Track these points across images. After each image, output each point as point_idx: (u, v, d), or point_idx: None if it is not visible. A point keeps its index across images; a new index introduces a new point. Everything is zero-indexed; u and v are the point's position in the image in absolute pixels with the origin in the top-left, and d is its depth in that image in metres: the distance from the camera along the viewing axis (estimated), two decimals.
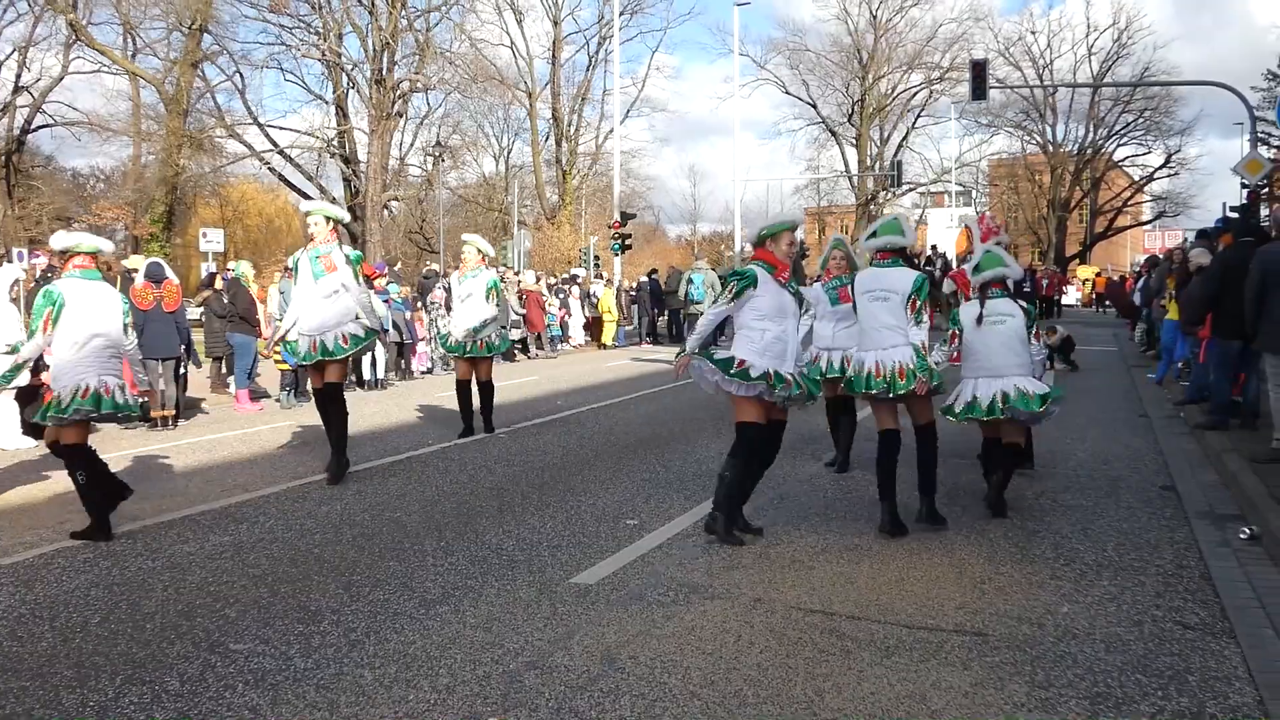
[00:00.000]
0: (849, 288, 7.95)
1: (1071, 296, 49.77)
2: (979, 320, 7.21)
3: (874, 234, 6.97)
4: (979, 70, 25.65)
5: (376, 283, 17.18)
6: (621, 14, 42.59)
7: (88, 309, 6.70)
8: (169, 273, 12.75)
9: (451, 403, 14.28)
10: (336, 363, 8.59)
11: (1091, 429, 11.24)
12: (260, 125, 39.91)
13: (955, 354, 7.48)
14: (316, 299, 8.42)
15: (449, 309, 19.69)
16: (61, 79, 37.60)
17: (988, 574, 5.79)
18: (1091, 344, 22.92)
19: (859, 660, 4.50)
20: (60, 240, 7.08)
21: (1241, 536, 6.43)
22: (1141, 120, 59.58)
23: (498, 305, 11.09)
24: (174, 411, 12.30)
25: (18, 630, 4.94)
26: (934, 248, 33.31)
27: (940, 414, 7.17)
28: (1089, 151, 61.65)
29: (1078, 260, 62.59)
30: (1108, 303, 39.13)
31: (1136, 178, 63.63)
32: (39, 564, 6.11)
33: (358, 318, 8.53)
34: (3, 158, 37.13)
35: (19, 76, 37.89)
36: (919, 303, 6.56)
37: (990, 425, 7.29)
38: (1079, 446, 10.08)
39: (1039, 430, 8.56)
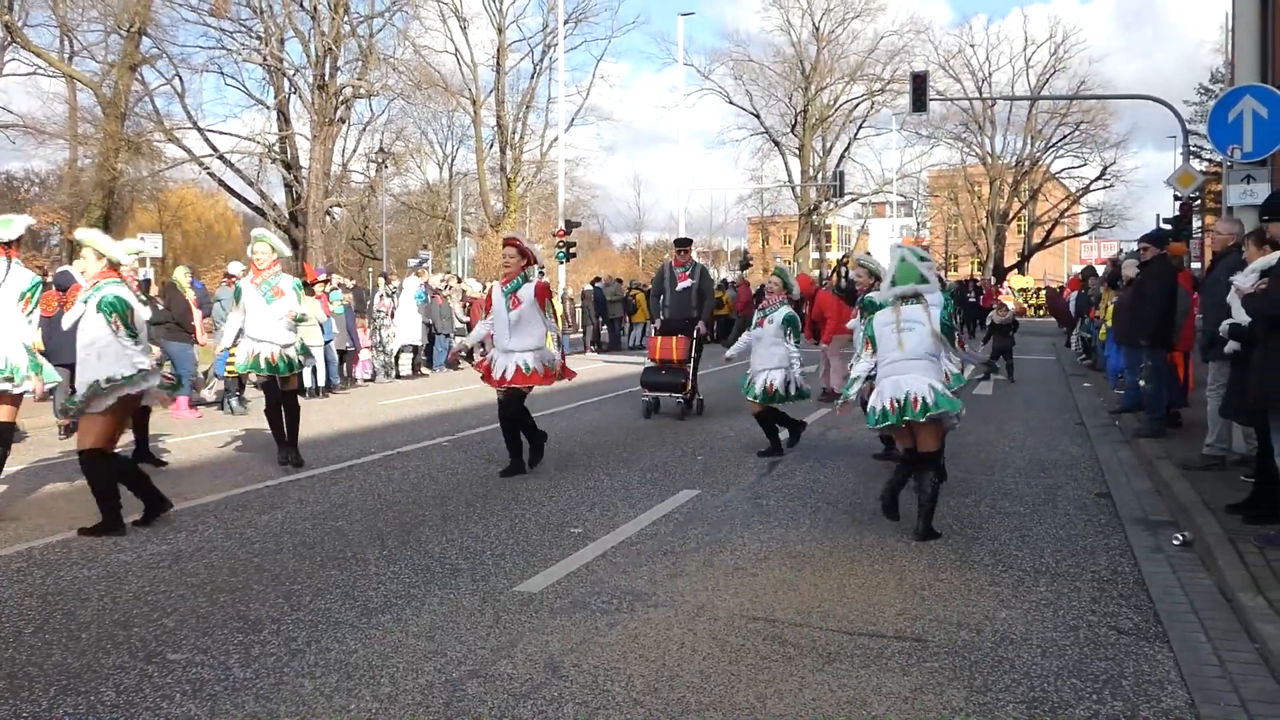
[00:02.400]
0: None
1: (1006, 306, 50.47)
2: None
3: (894, 281, 7.15)
4: (919, 82, 26.01)
5: (317, 288, 17.04)
6: (566, 22, 42.60)
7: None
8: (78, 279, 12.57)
9: (397, 411, 14.13)
10: (292, 375, 9.54)
11: (1029, 437, 11.43)
12: (200, 130, 39.34)
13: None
14: (269, 320, 9.25)
15: (392, 316, 19.65)
16: None
17: (927, 580, 5.86)
18: (1030, 353, 23.32)
19: (801, 666, 4.53)
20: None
21: (1175, 542, 6.57)
22: (1077, 133, 60.92)
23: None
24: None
25: None
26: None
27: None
28: (1027, 163, 62.86)
29: (1016, 270, 63.62)
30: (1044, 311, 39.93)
31: (1073, 189, 64.91)
32: None
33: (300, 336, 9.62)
34: None
35: None
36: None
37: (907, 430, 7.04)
38: (1017, 454, 10.24)
39: (980, 437, 8.68)
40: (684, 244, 13.94)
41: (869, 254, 10.30)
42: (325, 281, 17.68)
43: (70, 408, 6.94)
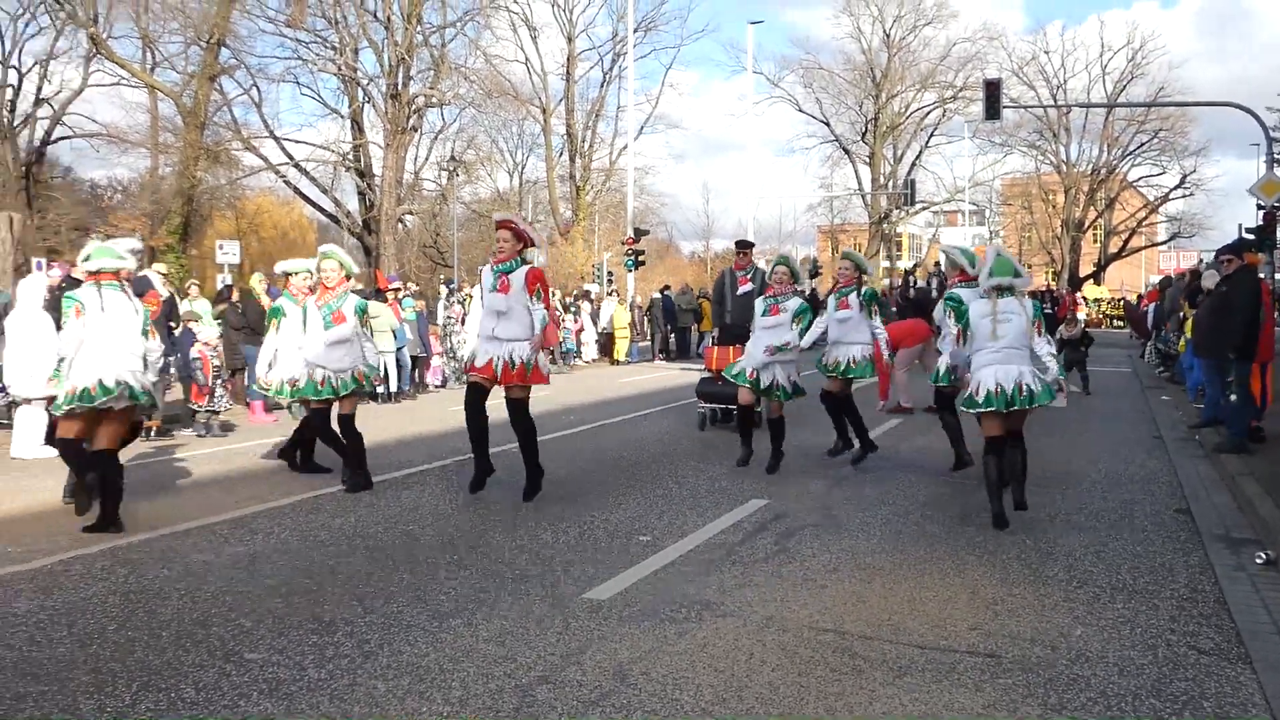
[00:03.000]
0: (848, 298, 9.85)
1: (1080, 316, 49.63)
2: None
3: (991, 273, 7.51)
4: (993, 89, 25.66)
5: (390, 295, 17.28)
6: (635, 30, 42.77)
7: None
8: (157, 285, 13.07)
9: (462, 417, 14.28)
10: (348, 398, 9.04)
11: (1105, 450, 11.22)
12: (276, 139, 40.03)
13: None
14: (322, 345, 8.90)
15: (462, 322, 19.85)
16: (81, 92, 37.79)
17: (1000, 595, 5.78)
18: (1105, 365, 22.88)
19: (871, 680, 4.50)
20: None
21: (1258, 561, 6.41)
22: (1156, 140, 59.54)
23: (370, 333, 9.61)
24: (157, 423, 12.15)
25: (37, 636, 4.97)
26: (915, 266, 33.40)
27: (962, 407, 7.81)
28: (1103, 171, 61.62)
29: (1091, 280, 62.47)
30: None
31: (1151, 198, 63.54)
32: (58, 570, 6.15)
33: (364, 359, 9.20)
34: (23, 169, 37.34)
35: (40, 89, 38.14)
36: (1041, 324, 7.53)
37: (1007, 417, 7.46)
38: (1092, 468, 10.06)
39: (1054, 451, 8.60)
40: (745, 246, 13.34)
41: (958, 248, 9.91)
42: (397, 289, 17.94)
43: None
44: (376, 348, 9.63)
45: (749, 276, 12.56)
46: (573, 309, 26.16)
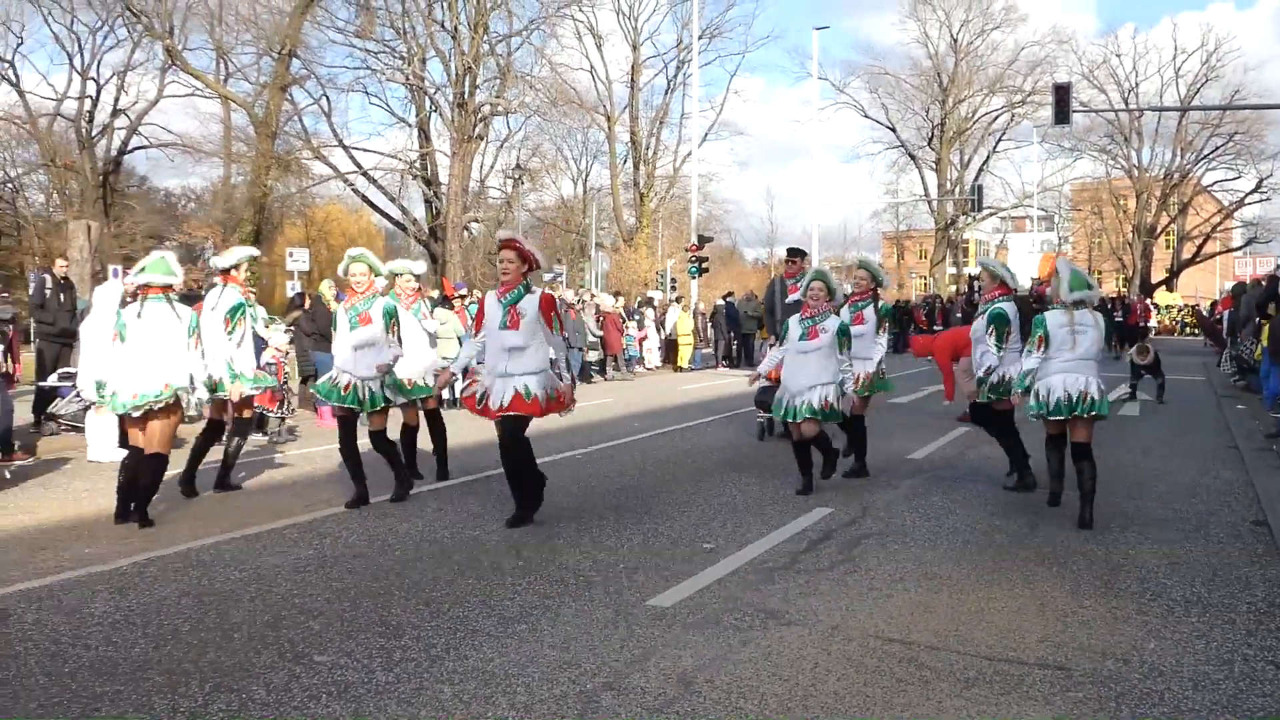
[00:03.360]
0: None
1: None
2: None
3: (1071, 287, 7.80)
4: (1062, 93, 25.24)
5: (456, 302, 17.44)
6: (700, 38, 42.77)
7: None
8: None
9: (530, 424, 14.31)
10: (376, 414, 8.52)
11: (1178, 460, 10.99)
12: (345, 147, 40.69)
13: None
14: (349, 349, 8.41)
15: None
16: (157, 102, 38.77)
17: (1071, 607, 5.69)
18: (1179, 373, 22.41)
19: (938, 691, 4.45)
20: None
21: None
22: (1231, 144, 58.23)
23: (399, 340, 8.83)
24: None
25: (113, 636, 5.09)
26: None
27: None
28: (1176, 176, 60.34)
29: (1164, 287, 61.24)
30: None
31: (1226, 203, 62.14)
32: (133, 572, 6.30)
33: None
34: (101, 178, 38.33)
35: (117, 100, 39.23)
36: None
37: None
38: (1165, 479, 9.86)
39: (1125, 460, 8.45)
40: (796, 254, 13.00)
41: (995, 260, 9.82)
42: (463, 296, 18.09)
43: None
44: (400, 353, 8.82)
45: (799, 284, 12.46)
46: (636, 316, 26.20)
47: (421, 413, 9.85)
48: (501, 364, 7.57)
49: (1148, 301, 43.80)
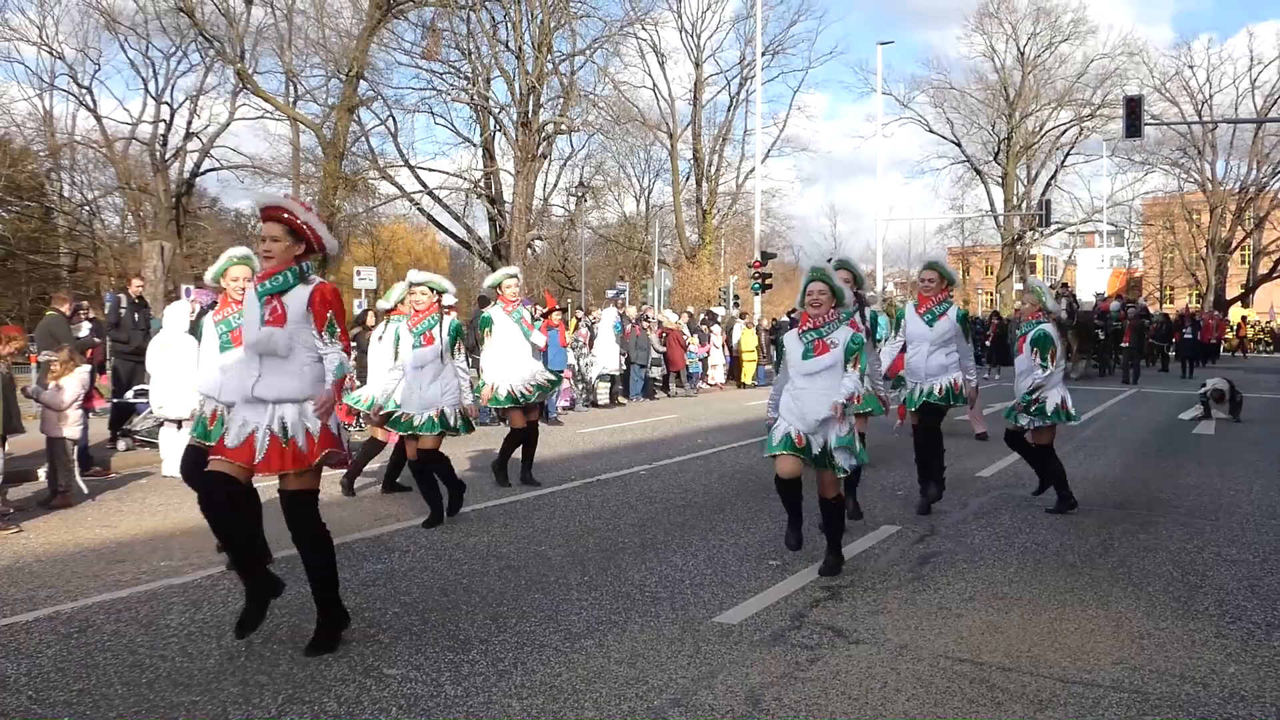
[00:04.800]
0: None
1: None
2: None
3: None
4: (1133, 106, 24.86)
5: (553, 316, 17.38)
6: (763, 54, 42.75)
7: None
8: None
9: (595, 440, 14.32)
10: (429, 436, 8.34)
11: (1257, 480, 10.72)
12: (411, 167, 41.19)
13: None
14: (410, 368, 8.38)
15: (590, 345, 20.08)
16: (228, 125, 39.59)
17: (1147, 629, 5.57)
18: (1257, 391, 21.88)
19: (1010, 713, 4.38)
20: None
21: None
22: None
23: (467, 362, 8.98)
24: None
25: (188, 647, 5.18)
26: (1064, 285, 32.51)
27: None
28: (1252, 189, 58.94)
29: (1239, 303, 59.87)
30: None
31: None
32: (207, 585, 6.41)
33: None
34: (174, 200, 39.22)
35: (190, 123, 40.11)
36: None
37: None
38: (1244, 498, 9.62)
39: (1201, 480, 8.23)
40: (840, 267, 12.48)
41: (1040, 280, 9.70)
42: (564, 310, 18.15)
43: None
44: (466, 377, 8.73)
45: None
46: (699, 332, 26.18)
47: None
48: (243, 383, 5.21)
49: (1223, 318, 42.75)
